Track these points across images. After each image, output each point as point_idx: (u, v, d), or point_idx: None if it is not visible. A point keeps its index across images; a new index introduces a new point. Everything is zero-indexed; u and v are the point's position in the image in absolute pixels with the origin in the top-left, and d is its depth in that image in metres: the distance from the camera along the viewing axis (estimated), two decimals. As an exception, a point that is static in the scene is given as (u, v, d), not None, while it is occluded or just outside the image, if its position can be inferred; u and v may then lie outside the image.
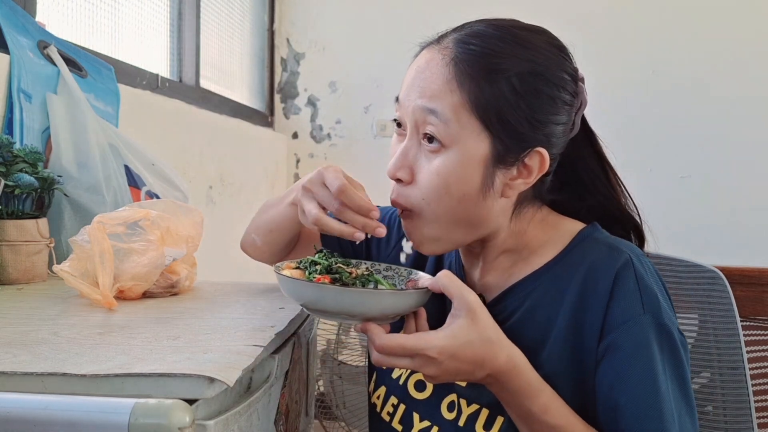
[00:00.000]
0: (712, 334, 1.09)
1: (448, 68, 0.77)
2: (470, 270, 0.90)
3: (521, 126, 0.77)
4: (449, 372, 0.71)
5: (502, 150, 0.77)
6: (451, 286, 0.72)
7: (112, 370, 0.57)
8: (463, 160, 0.77)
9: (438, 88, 0.77)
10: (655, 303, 0.76)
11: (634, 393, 0.73)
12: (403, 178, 0.81)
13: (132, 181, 1.27)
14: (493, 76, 0.76)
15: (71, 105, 1.21)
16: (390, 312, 0.74)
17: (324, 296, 0.72)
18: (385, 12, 2.87)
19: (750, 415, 1.06)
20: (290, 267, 0.81)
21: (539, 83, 0.77)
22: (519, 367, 0.73)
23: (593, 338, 0.77)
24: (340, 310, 0.73)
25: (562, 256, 0.82)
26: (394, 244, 1.00)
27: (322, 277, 0.77)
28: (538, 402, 0.73)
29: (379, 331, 0.71)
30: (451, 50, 0.78)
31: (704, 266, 1.10)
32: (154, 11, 2.02)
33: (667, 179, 2.68)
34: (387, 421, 0.91)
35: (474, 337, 0.70)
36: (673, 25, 2.68)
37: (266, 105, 2.94)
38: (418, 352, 0.69)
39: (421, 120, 0.79)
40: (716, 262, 1.16)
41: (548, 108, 0.78)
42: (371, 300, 0.72)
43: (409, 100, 0.80)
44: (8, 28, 1.18)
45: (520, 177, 0.79)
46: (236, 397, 0.65)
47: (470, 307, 0.71)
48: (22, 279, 1.01)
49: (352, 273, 0.79)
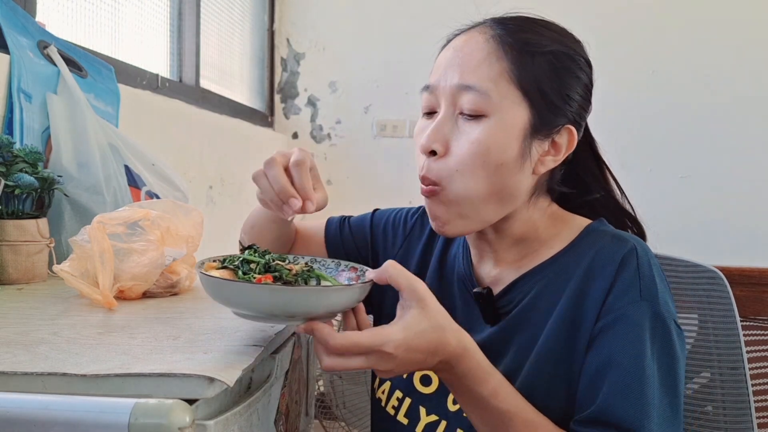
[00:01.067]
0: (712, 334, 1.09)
1: (488, 43, 0.81)
2: (479, 263, 0.91)
3: (556, 99, 0.81)
4: (404, 364, 0.69)
5: (539, 121, 0.81)
6: (399, 277, 0.70)
7: (112, 370, 0.57)
8: (504, 128, 0.79)
9: (479, 61, 0.80)
10: (653, 291, 0.77)
11: (620, 373, 0.74)
12: (437, 149, 0.81)
13: (132, 181, 1.27)
14: (534, 49, 0.81)
15: (71, 105, 1.21)
16: (338, 309, 0.69)
17: (268, 298, 0.64)
18: (385, 12, 2.87)
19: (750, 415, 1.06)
20: (213, 266, 0.73)
21: (569, 62, 0.83)
22: (469, 350, 0.72)
23: (590, 320, 0.78)
24: (288, 312, 0.66)
25: (569, 248, 0.85)
26: (400, 244, 1.01)
27: (264, 276, 0.71)
28: (487, 386, 0.73)
29: (330, 332, 0.66)
30: (491, 28, 0.83)
31: (704, 266, 1.10)
32: (154, 11, 2.02)
33: (667, 179, 2.68)
34: (392, 415, 0.91)
35: (426, 326, 0.69)
36: (673, 24, 2.68)
37: (266, 105, 2.94)
38: (374, 349, 0.67)
39: (458, 97, 0.81)
40: (716, 262, 1.16)
41: (575, 86, 0.83)
42: (321, 297, 0.66)
43: (445, 80, 0.82)
44: (8, 28, 1.18)
45: (549, 153, 0.83)
46: (236, 397, 0.65)
47: (419, 296, 0.69)
48: (22, 279, 1.01)
49: (291, 270, 0.73)
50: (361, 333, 0.67)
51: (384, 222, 1.05)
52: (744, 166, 2.63)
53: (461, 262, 0.93)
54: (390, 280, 0.70)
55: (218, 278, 0.67)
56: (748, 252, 2.57)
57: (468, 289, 0.90)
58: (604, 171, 0.94)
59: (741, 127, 2.63)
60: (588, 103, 0.86)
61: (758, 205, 2.62)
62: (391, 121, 2.88)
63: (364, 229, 1.05)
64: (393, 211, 1.06)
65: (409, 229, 1.02)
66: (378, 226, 1.05)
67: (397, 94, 2.87)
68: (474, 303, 0.88)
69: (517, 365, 0.81)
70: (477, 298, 0.87)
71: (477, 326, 0.87)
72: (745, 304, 1.18)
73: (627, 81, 2.68)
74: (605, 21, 2.69)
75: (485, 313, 0.87)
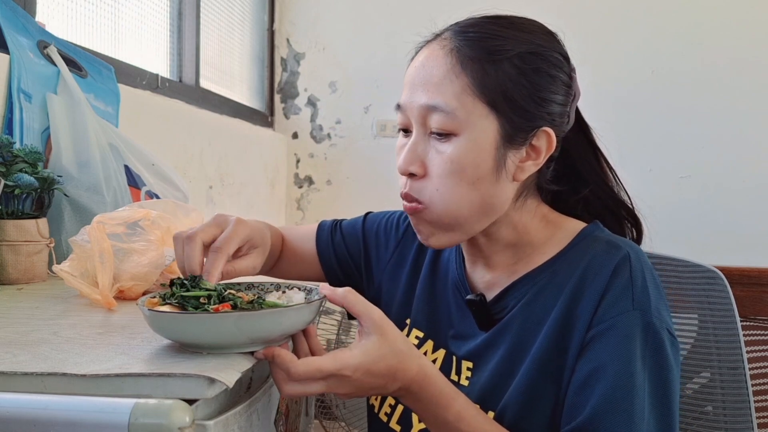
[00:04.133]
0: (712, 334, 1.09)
1: (448, 58, 0.79)
2: (472, 267, 0.90)
3: (527, 104, 0.78)
4: (363, 388, 0.69)
5: (510, 129, 0.79)
6: (357, 304, 0.70)
7: (112, 370, 0.57)
8: (475, 144, 0.78)
9: (440, 79, 0.78)
10: (645, 301, 0.76)
11: (608, 385, 0.73)
12: (416, 171, 0.81)
13: (132, 181, 1.27)
14: (496, 57, 0.78)
15: (71, 105, 1.21)
16: (293, 330, 0.68)
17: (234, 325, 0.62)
18: (385, 12, 2.87)
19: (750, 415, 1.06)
20: (154, 302, 0.68)
21: (539, 62, 0.79)
22: (430, 376, 0.72)
23: (582, 329, 0.77)
24: (254, 336, 0.64)
25: (563, 253, 0.83)
26: (393, 248, 1.00)
27: (221, 305, 0.67)
28: (451, 410, 0.72)
29: (292, 358, 0.65)
30: (450, 41, 0.80)
31: (704, 266, 1.10)
32: (154, 11, 2.02)
33: (667, 179, 2.68)
34: (385, 422, 0.91)
35: (386, 351, 0.69)
36: (673, 24, 2.68)
37: (266, 105, 2.94)
38: (334, 374, 0.66)
39: (427, 118, 0.79)
40: (716, 262, 1.16)
41: (549, 86, 0.80)
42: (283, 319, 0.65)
43: (412, 101, 0.81)
44: (8, 28, 1.18)
45: (529, 159, 0.81)
46: (236, 397, 0.65)
47: (377, 324, 0.69)
48: (22, 279, 1.01)
49: (243, 298, 0.70)
50: (323, 358, 0.66)
51: (376, 226, 1.04)
52: (744, 166, 2.63)
53: (454, 266, 0.92)
54: (348, 306, 0.70)
55: (177, 313, 0.64)
56: (748, 252, 2.57)
57: (462, 295, 0.89)
58: (599, 158, 0.91)
59: (741, 127, 2.63)
60: (569, 98, 0.83)
61: (758, 205, 2.62)
62: (391, 121, 2.87)
63: (356, 235, 1.04)
64: (385, 214, 1.05)
65: (402, 234, 1.01)
66: (371, 230, 1.04)
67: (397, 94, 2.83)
68: (467, 309, 0.88)
69: (508, 371, 0.81)
70: (470, 305, 0.87)
71: (471, 332, 0.87)
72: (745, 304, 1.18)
73: (627, 81, 2.68)
74: (605, 21, 2.69)
75: (479, 319, 0.86)
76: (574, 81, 0.84)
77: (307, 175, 2.94)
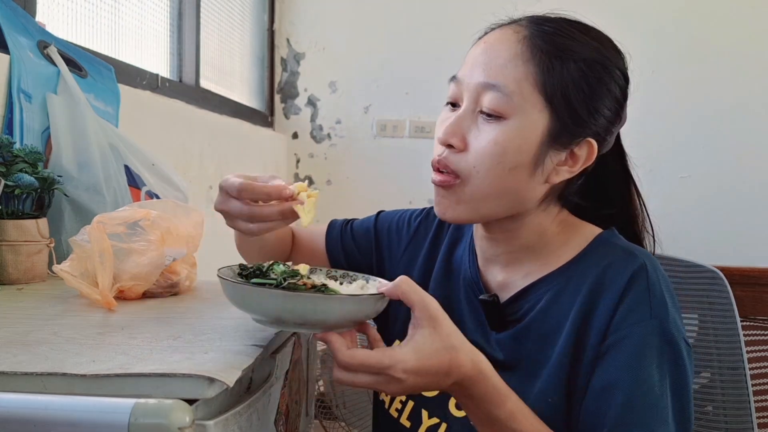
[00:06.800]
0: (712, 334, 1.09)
1: (519, 44, 0.80)
2: (485, 266, 0.90)
3: (581, 109, 0.79)
4: (414, 387, 0.67)
5: (559, 129, 0.79)
6: (411, 293, 0.68)
7: (112, 370, 0.57)
8: (522, 132, 0.78)
9: (506, 60, 0.79)
10: (663, 310, 0.77)
11: (626, 396, 0.73)
12: (455, 144, 0.81)
13: (132, 181, 1.27)
14: (565, 55, 0.79)
15: (71, 105, 1.21)
16: (350, 318, 0.68)
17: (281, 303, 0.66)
18: (385, 12, 2.87)
19: (750, 415, 1.06)
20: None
21: (602, 73, 0.81)
22: (484, 372, 0.71)
23: (597, 336, 0.77)
24: (299, 318, 0.67)
25: (579, 258, 0.84)
26: (405, 247, 1.00)
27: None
28: (504, 408, 0.71)
29: (339, 345, 0.66)
30: (526, 28, 0.81)
31: (704, 266, 1.10)
32: (154, 11, 2.02)
33: (667, 179, 2.68)
34: (395, 418, 0.91)
35: (438, 347, 0.67)
36: (673, 25, 2.68)
37: (266, 105, 2.94)
38: (382, 371, 0.65)
39: (481, 95, 0.80)
40: (716, 262, 1.16)
41: (605, 99, 0.81)
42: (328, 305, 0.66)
43: (471, 77, 0.81)
44: (8, 28, 1.18)
45: (566, 164, 0.82)
46: (236, 397, 0.65)
47: (432, 314, 0.68)
48: (22, 279, 1.00)
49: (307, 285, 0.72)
50: (370, 352, 0.66)
51: (388, 225, 1.04)
52: (744, 166, 2.63)
53: (467, 265, 0.92)
54: (402, 296, 0.68)
55: (236, 282, 0.69)
56: (748, 252, 2.57)
57: (475, 294, 0.89)
58: (630, 187, 0.92)
59: (741, 127, 2.63)
60: (618, 117, 0.84)
61: (758, 205, 2.62)
62: (391, 121, 2.88)
63: (368, 233, 1.04)
64: (397, 213, 1.06)
65: (413, 232, 1.01)
66: (383, 229, 1.04)
67: (397, 94, 2.87)
68: (480, 308, 0.88)
69: (529, 379, 0.80)
70: (483, 305, 0.87)
71: (483, 332, 0.87)
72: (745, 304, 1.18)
73: (627, 81, 2.68)
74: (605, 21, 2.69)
75: (491, 319, 0.86)
76: (625, 104, 0.85)
77: (307, 175, 2.94)
